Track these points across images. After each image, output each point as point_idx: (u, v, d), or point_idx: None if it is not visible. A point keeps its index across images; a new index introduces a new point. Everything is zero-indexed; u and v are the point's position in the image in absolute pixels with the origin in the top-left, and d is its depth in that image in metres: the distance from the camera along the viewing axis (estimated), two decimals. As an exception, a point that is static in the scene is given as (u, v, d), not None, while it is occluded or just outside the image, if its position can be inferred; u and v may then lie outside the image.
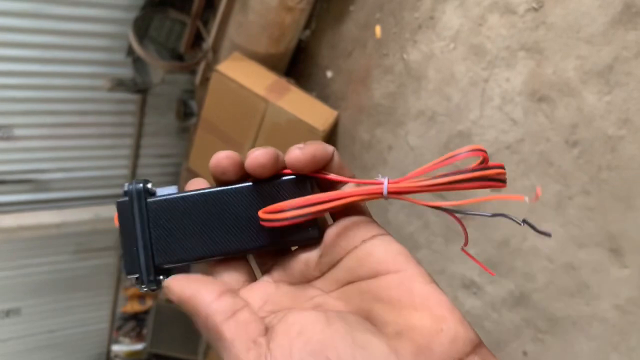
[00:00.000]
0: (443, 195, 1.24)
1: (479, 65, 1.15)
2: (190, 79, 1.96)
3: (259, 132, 1.58)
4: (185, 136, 2.20)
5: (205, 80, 1.76)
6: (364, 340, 0.22)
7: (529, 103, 1.05)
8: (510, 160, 1.08)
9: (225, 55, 1.66)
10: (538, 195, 0.28)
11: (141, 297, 2.69)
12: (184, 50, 1.73)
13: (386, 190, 0.26)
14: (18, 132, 1.86)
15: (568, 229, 0.99)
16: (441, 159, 0.25)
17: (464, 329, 0.22)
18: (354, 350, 0.22)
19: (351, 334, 0.23)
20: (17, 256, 2.19)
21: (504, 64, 1.10)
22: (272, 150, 0.27)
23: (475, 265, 1.18)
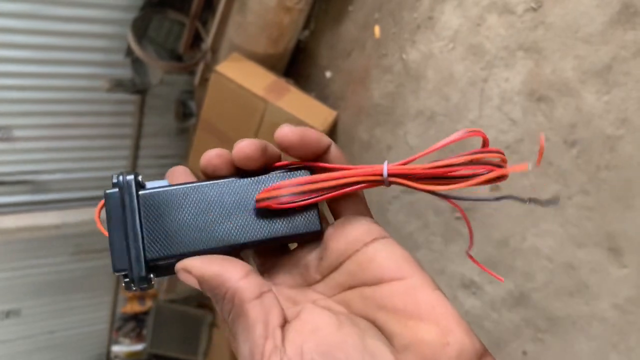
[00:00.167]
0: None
1: (478, 65, 1.15)
2: (189, 79, 1.96)
3: (258, 133, 1.58)
4: (184, 137, 2.20)
5: (205, 80, 1.76)
6: (374, 347, 0.22)
7: (528, 103, 1.05)
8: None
9: (224, 55, 1.66)
10: (542, 143, 0.26)
11: (141, 298, 2.69)
12: (183, 50, 1.73)
13: (386, 172, 0.25)
14: (17, 133, 1.86)
15: (567, 229, 0.99)
16: (440, 143, 0.25)
17: (470, 341, 0.22)
18: (364, 357, 0.22)
19: (363, 339, 0.22)
20: (17, 257, 2.19)
21: (503, 63, 1.10)
22: (259, 141, 0.27)
23: (475, 265, 1.18)
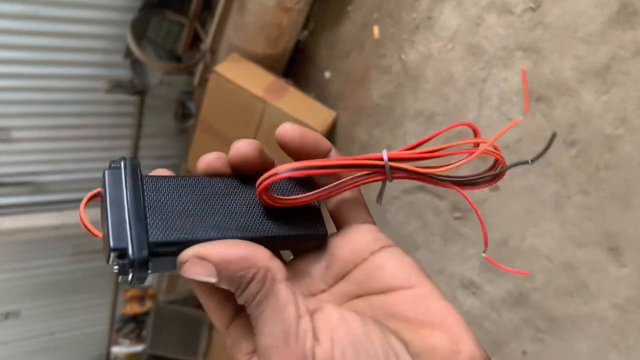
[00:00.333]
0: (441, 196, 1.24)
1: (477, 65, 1.15)
2: (189, 80, 1.96)
3: (257, 133, 1.58)
4: (183, 137, 2.20)
5: (204, 81, 1.75)
6: (396, 345, 0.23)
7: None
8: (509, 160, 1.08)
9: (223, 56, 1.66)
10: (524, 76, 0.31)
11: (140, 299, 2.69)
12: (182, 51, 1.73)
13: (386, 157, 0.26)
14: (16, 134, 1.86)
15: (567, 229, 0.99)
16: (434, 133, 0.27)
17: (479, 350, 0.23)
18: (388, 352, 0.22)
19: (386, 336, 0.23)
20: (16, 258, 2.19)
21: (502, 64, 1.10)
22: (256, 142, 0.26)
23: (474, 265, 1.18)
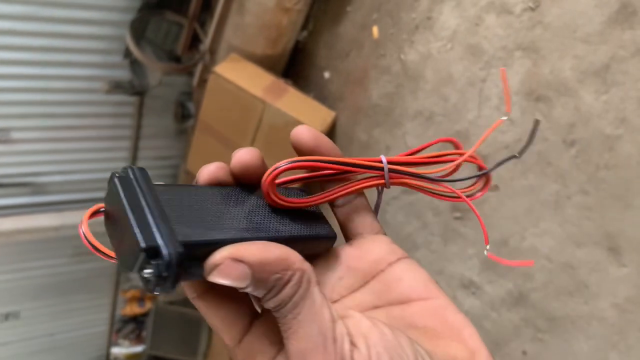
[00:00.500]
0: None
1: (476, 65, 1.15)
2: (188, 80, 1.96)
3: (256, 134, 1.58)
4: (183, 138, 2.20)
5: (203, 82, 1.75)
6: (423, 353, 0.23)
7: (526, 103, 1.05)
8: (509, 160, 1.08)
9: (222, 56, 1.66)
10: (503, 77, 0.34)
11: (140, 300, 2.69)
12: (181, 52, 1.73)
13: (385, 160, 0.27)
14: (15, 135, 1.86)
15: (566, 229, 0.99)
16: (420, 146, 0.29)
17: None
18: (418, 359, 0.22)
19: (414, 345, 0.23)
20: (16, 259, 2.19)
21: (501, 64, 1.10)
22: (256, 150, 0.26)
23: (474, 265, 1.18)
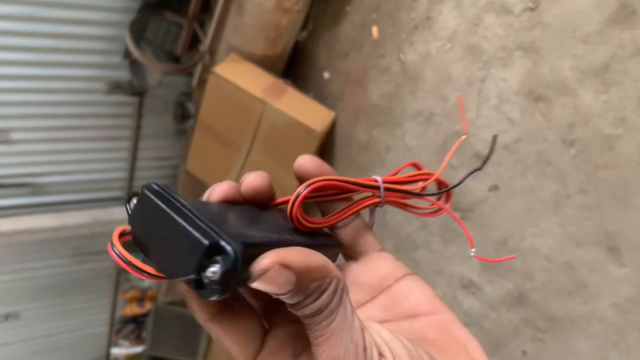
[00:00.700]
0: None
1: (476, 66, 1.15)
2: (188, 81, 1.96)
3: (256, 134, 1.58)
4: (182, 138, 2.20)
5: (203, 82, 1.75)
6: None
7: (526, 103, 1.05)
8: (508, 160, 1.08)
9: (222, 57, 1.66)
10: (460, 102, 0.38)
11: (140, 300, 2.69)
12: (181, 52, 1.73)
13: (380, 179, 0.29)
14: (15, 136, 1.86)
15: (566, 228, 0.99)
16: (396, 170, 0.32)
17: None
18: None
19: (431, 355, 0.24)
20: (16, 260, 2.19)
21: (501, 63, 1.10)
22: (265, 173, 0.27)
23: (474, 265, 1.18)
